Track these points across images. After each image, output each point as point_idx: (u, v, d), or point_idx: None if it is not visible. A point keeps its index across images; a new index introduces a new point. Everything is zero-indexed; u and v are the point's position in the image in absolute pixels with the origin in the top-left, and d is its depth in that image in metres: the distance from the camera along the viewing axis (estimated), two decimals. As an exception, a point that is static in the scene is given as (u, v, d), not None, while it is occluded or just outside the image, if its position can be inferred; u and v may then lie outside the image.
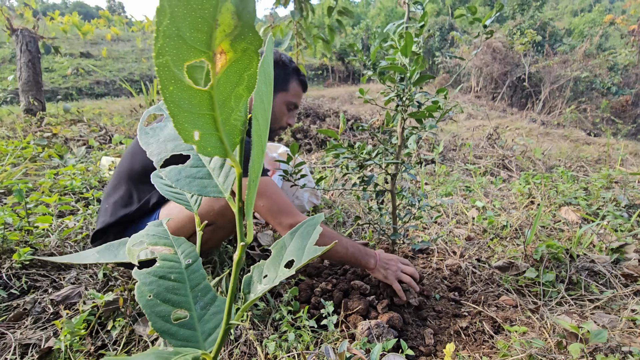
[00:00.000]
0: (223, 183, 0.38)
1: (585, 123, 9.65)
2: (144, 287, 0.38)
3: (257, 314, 1.13)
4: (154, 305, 0.36)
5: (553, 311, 1.20)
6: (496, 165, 3.62)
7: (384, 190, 1.35)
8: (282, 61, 1.28)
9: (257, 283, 0.40)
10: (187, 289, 0.40)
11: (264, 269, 0.41)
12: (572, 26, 20.00)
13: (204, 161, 0.39)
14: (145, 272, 0.38)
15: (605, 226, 1.76)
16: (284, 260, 0.40)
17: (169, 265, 0.41)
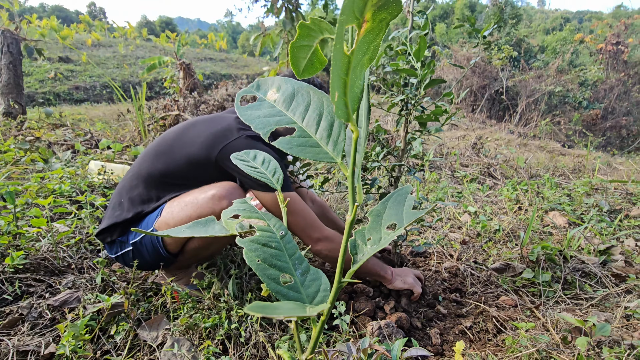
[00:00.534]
0: (333, 150, 0.39)
1: (559, 135, 10.10)
2: (250, 253, 0.41)
3: (259, 316, 1.11)
4: (264, 269, 0.39)
5: (552, 310, 1.24)
6: (482, 173, 3.74)
7: (386, 192, 1.37)
8: (315, 84, 1.35)
9: (362, 245, 0.42)
10: (286, 256, 0.42)
11: (366, 233, 0.43)
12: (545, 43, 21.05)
13: (309, 132, 0.41)
14: (248, 241, 0.42)
15: (593, 230, 1.84)
16: (384, 225, 0.42)
17: (267, 235, 0.44)
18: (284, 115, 0.42)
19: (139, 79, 11.98)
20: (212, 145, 1.15)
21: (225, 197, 1.08)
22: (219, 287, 1.11)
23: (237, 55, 21.75)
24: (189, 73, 4.24)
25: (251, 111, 0.43)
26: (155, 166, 1.18)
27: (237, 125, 1.19)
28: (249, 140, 1.15)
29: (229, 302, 1.08)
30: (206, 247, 1.16)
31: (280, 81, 0.46)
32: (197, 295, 1.12)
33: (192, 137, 1.20)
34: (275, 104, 0.44)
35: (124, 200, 1.21)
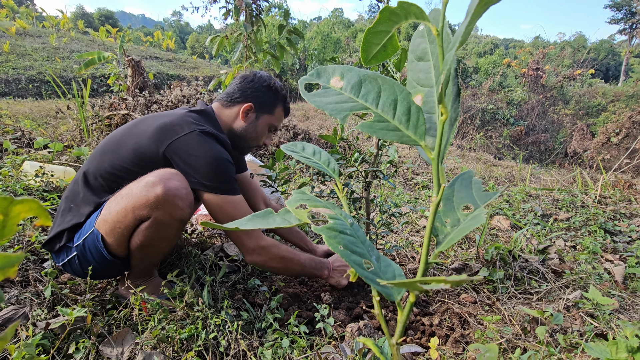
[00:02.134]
0: (414, 134, 0.40)
1: (491, 148, 11.18)
2: (331, 239, 0.40)
3: (241, 324, 1.07)
4: (348, 255, 0.39)
5: (507, 304, 1.36)
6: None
7: (359, 197, 1.42)
8: (274, 87, 1.33)
9: (442, 227, 0.43)
10: (360, 243, 0.42)
11: (442, 216, 0.44)
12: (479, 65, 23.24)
13: (386, 117, 0.41)
14: (325, 228, 0.41)
15: (532, 232, 2.06)
16: (458, 207, 0.43)
17: (340, 223, 0.43)
18: (355, 102, 0.43)
19: (73, 74, 10.93)
20: (160, 139, 1.08)
21: (158, 182, 0.98)
22: (192, 295, 1.05)
23: (185, 56, 20.84)
24: (139, 71, 3.98)
25: (320, 98, 0.43)
26: (102, 166, 1.10)
27: (189, 120, 1.13)
28: (202, 137, 1.09)
29: (204, 311, 1.03)
30: (149, 244, 1.05)
31: (342, 69, 0.46)
32: (168, 305, 1.05)
33: (140, 131, 1.13)
34: (342, 91, 0.44)
35: (73, 205, 1.12)
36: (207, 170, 1.07)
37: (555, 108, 14.39)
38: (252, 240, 1.13)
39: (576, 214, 2.64)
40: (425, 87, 0.43)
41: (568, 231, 2.35)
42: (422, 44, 0.44)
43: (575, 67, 18.00)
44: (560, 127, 13.54)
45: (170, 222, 1.01)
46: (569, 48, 25.13)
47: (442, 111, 0.35)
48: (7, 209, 0.25)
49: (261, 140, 1.35)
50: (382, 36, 0.39)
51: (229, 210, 1.10)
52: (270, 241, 1.16)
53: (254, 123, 1.30)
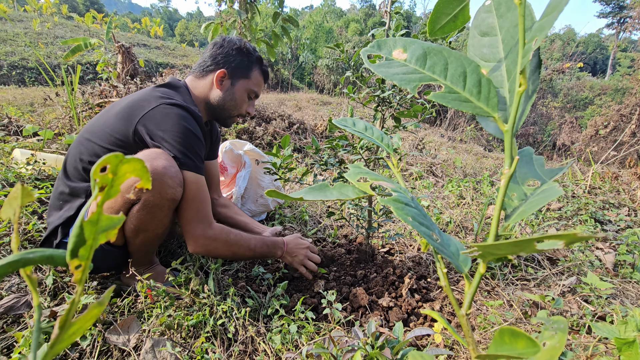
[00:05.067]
0: (487, 105, 0.39)
1: (482, 140, 11.30)
2: (400, 211, 0.40)
3: (247, 311, 1.08)
4: (418, 226, 0.38)
5: (506, 290, 1.39)
6: (426, 171, 4.03)
7: (361, 186, 1.42)
8: (245, 48, 1.26)
9: (510, 201, 0.43)
10: (424, 216, 0.41)
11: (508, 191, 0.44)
12: (470, 57, 23.24)
13: (456, 89, 0.40)
14: (392, 200, 0.40)
15: (526, 221, 2.11)
16: (523, 183, 0.43)
17: (403, 196, 0.43)
18: (423, 74, 0.42)
19: (58, 61, 10.58)
20: (128, 117, 1.05)
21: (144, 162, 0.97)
22: (197, 283, 1.04)
23: (174, 43, 20.35)
24: (129, 57, 3.87)
25: (385, 69, 0.42)
26: (82, 155, 1.07)
27: (156, 95, 1.09)
28: (169, 109, 1.04)
29: (210, 298, 1.03)
30: (143, 227, 1.02)
31: (404, 42, 0.45)
32: (174, 292, 1.04)
33: (111, 114, 1.09)
34: (407, 62, 0.43)
35: (63, 199, 1.09)
36: (175, 143, 1.02)
37: (544, 101, 14.58)
38: (200, 227, 1.07)
39: (567, 204, 2.70)
40: (491, 62, 0.43)
41: (560, 220, 2.41)
42: (487, 18, 0.43)
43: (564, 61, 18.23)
44: (548, 120, 13.75)
45: (161, 202, 0.98)
46: (559, 41, 25.40)
47: (521, 82, 0.35)
48: (117, 167, 0.24)
49: (243, 109, 1.29)
50: (456, 5, 0.38)
51: (192, 191, 1.05)
52: (218, 228, 1.12)
53: (230, 90, 1.25)
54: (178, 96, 1.14)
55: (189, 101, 1.17)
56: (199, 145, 1.08)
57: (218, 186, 1.53)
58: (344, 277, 1.37)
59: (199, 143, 1.08)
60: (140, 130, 1.02)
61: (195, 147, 1.06)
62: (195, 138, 1.06)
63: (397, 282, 1.33)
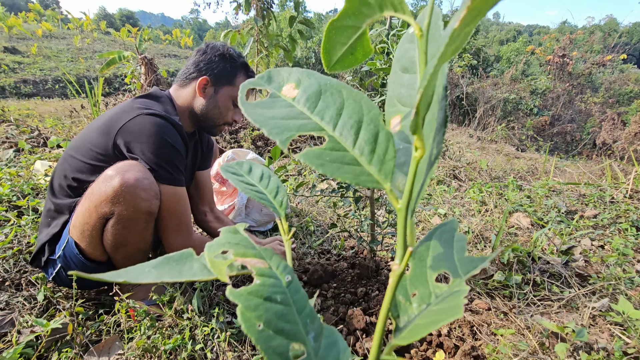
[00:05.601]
0: (378, 171, 0.28)
1: (514, 139, 10.74)
2: (249, 313, 0.26)
3: (233, 332, 1.02)
4: (267, 339, 0.23)
5: (524, 312, 1.25)
6: (448, 175, 3.84)
7: (363, 196, 1.33)
8: (229, 54, 1.22)
9: (406, 303, 0.31)
10: (295, 314, 0.27)
11: (408, 286, 0.32)
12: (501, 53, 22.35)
13: (344, 145, 0.30)
14: (246, 293, 0.27)
15: (555, 231, 1.92)
16: (432, 275, 0.31)
17: (270, 283, 0.29)
18: (307, 119, 0.31)
19: (96, 74, 11.22)
20: (107, 130, 1.02)
21: (115, 175, 0.93)
22: (182, 301, 1.00)
23: (202, 53, 21.02)
24: (152, 68, 3.99)
25: (262, 109, 0.32)
26: (66, 171, 1.06)
27: (135, 106, 1.06)
28: (147, 119, 1.01)
29: (193, 319, 0.98)
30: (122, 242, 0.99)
31: (300, 74, 0.34)
32: (156, 312, 1.00)
33: (93, 128, 1.07)
34: (295, 103, 0.33)
35: (50, 217, 1.09)
36: (151, 155, 0.99)
37: (582, 96, 13.68)
38: (179, 238, 1.06)
39: (605, 211, 2.45)
40: (407, 107, 0.33)
41: (595, 229, 2.19)
42: (410, 50, 0.33)
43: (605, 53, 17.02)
44: (588, 117, 12.87)
45: (136, 215, 0.96)
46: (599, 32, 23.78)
47: (416, 145, 0.25)
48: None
49: (228, 117, 1.25)
50: (350, 33, 0.29)
51: (171, 204, 1.03)
52: (198, 240, 1.10)
53: (213, 98, 1.20)
54: (158, 106, 1.11)
55: (170, 111, 1.14)
56: (178, 156, 1.05)
57: (211, 198, 1.49)
58: (343, 295, 1.28)
59: (177, 154, 1.05)
60: (119, 143, 1.00)
61: (173, 158, 1.03)
62: (173, 149, 1.03)
63: (401, 302, 1.23)
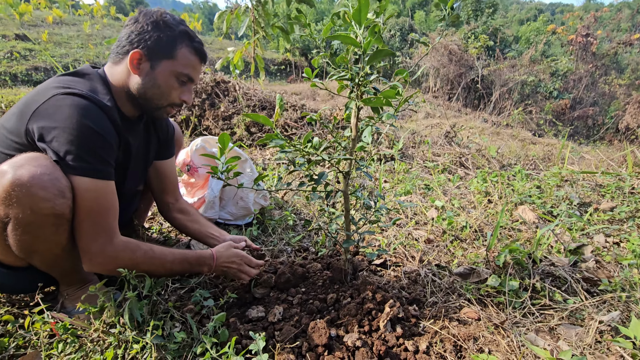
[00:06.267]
0: None
1: (531, 124, 10.27)
2: None
3: (173, 348, 0.89)
4: None
5: (519, 325, 1.08)
6: (453, 163, 3.61)
7: (336, 190, 1.17)
8: (163, 22, 1.02)
9: None
10: None
11: None
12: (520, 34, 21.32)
13: None
14: None
15: (563, 226, 1.72)
16: None
17: None
18: None
19: (105, 61, 11.19)
20: (22, 113, 0.88)
21: (7, 171, 0.79)
22: (114, 313, 0.87)
23: (212, 37, 20.73)
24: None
25: None
26: None
27: (54, 85, 0.91)
28: (65, 99, 0.86)
29: (124, 334, 0.85)
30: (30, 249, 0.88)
31: None
32: (82, 325, 0.88)
33: (10, 113, 0.92)
34: None
35: None
36: (65, 142, 0.84)
37: (606, 78, 12.95)
38: (97, 243, 0.91)
39: (623, 203, 2.22)
40: None
41: (611, 224, 1.97)
42: None
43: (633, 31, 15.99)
44: (611, 100, 12.20)
45: (37, 219, 0.82)
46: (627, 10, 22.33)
47: None
48: None
49: (172, 96, 1.06)
50: None
51: (87, 201, 0.88)
52: (121, 245, 0.95)
53: (150, 75, 1.02)
54: (83, 84, 0.95)
55: (100, 91, 0.97)
56: (102, 144, 0.90)
57: (175, 188, 1.35)
58: (311, 302, 1.14)
59: (101, 141, 0.89)
60: (31, 128, 0.85)
61: (95, 146, 0.88)
62: (96, 136, 0.88)
63: (376, 311, 1.07)
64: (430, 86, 12.47)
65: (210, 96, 3.85)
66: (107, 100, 0.95)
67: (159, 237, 1.55)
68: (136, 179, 1.22)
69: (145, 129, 1.21)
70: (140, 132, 1.17)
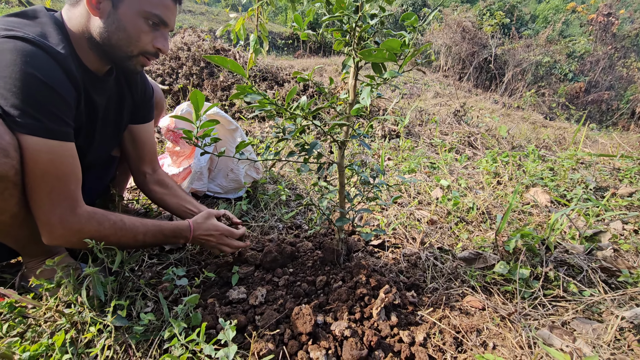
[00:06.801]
0: None
1: (543, 107, 9.91)
2: None
3: (138, 331, 0.79)
4: None
5: (529, 317, 0.97)
6: (461, 142, 3.45)
7: (330, 162, 1.03)
8: None
9: None
10: None
11: None
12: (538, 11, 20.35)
13: None
14: None
15: (579, 211, 1.58)
16: None
17: None
18: None
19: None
20: None
21: None
22: (71, 290, 0.77)
23: (219, 9, 20.03)
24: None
25: None
26: None
27: None
28: (7, 43, 0.73)
29: (81, 315, 0.75)
30: None
31: None
32: (32, 303, 0.78)
33: None
34: None
35: None
36: (8, 94, 0.72)
37: (625, 61, 12.39)
38: (56, 213, 0.80)
39: (643, 188, 2.06)
40: None
41: (630, 210, 1.83)
42: None
43: (658, 11, 15.13)
44: (629, 84, 11.72)
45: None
46: (653, -13, 21.10)
47: None
48: None
49: (143, 42, 0.90)
50: None
51: (41, 164, 0.76)
52: (85, 215, 0.84)
53: (113, 16, 0.86)
54: (31, 27, 0.80)
55: (52, 36, 0.82)
56: (54, 98, 0.77)
57: (153, 157, 1.23)
58: (299, 284, 1.03)
59: (53, 95, 0.76)
60: None
61: (44, 100, 0.75)
62: (46, 87, 0.74)
63: (369, 297, 0.97)
64: (441, 65, 12.02)
65: (209, 65, 3.67)
66: (60, 47, 0.81)
67: (139, 209, 1.44)
68: (107, 144, 1.10)
69: (117, 87, 1.07)
70: (109, 90, 1.03)
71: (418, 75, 9.44)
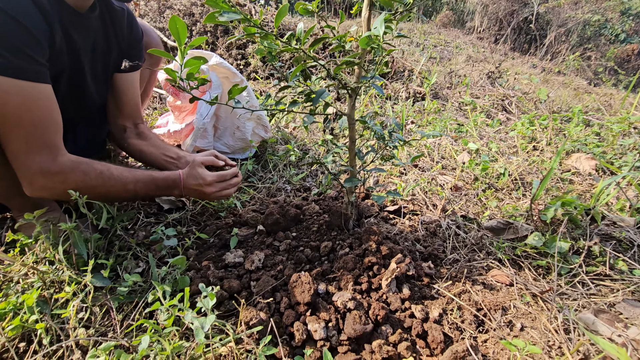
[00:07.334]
0: None
1: (587, 72, 9.04)
2: None
3: (122, 292, 0.73)
4: None
5: (566, 297, 0.84)
6: (494, 106, 3.16)
7: (338, 113, 0.89)
8: None
9: None
10: None
11: None
12: (591, -37, 18.16)
13: None
14: None
15: (631, 180, 1.37)
16: None
17: None
18: None
19: None
20: None
21: None
22: (48, 246, 0.70)
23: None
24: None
25: None
26: None
27: None
28: None
29: (61, 272, 0.69)
30: None
31: None
32: (6, 259, 0.73)
33: None
34: None
35: None
36: None
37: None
38: (36, 160, 0.74)
39: None
40: None
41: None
42: None
43: None
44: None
45: None
46: None
47: None
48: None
49: None
50: None
51: (12, 107, 0.68)
52: (69, 164, 0.78)
53: None
54: None
55: None
56: (21, 32, 0.67)
57: (135, 111, 1.11)
58: (301, 249, 0.94)
59: (21, 31, 0.66)
60: None
61: (10, 33, 0.65)
62: (10, 20, 0.64)
63: (379, 267, 0.86)
64: (476, 26, 11.09)
65: (224, 22, 3.48)
66: None
67: (138, 165, 1.37)
68: (100, 92, 1.01)
69: (103, 27, 0.96)
70: (93, 29, 0.92)
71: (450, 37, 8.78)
